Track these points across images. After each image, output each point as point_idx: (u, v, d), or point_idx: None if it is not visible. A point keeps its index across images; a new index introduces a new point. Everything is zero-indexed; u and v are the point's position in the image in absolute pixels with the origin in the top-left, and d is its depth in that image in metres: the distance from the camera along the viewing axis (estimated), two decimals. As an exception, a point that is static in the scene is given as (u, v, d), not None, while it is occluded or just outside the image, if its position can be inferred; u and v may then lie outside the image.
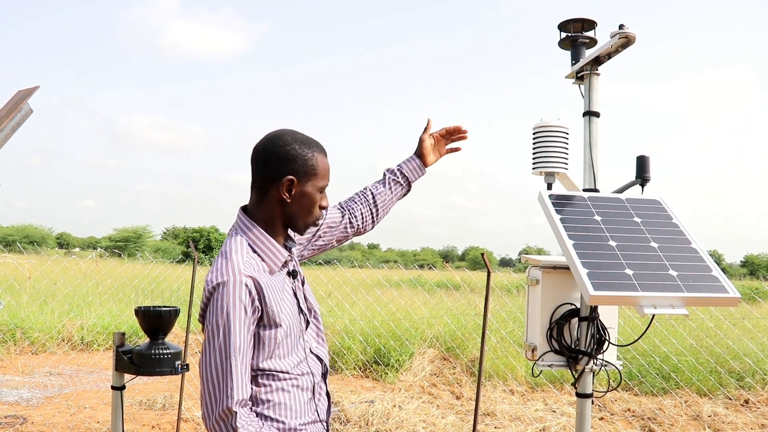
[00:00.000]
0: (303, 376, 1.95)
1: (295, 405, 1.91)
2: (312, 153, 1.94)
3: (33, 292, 12.97)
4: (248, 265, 1.83)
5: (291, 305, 1.94)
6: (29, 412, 6.88)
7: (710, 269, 2.67)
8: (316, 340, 2.08)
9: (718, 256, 68.28)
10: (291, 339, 1.91)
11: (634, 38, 2.96)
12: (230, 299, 1.76)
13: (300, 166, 1.92)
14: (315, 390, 2.00)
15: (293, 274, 2.02)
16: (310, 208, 1.96)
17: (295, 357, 1.93)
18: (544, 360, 2.96)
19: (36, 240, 53.05)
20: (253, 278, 1.81)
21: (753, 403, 7.82)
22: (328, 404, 2.09)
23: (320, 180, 1.96)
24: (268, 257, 1.92)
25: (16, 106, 3.68)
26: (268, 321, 1.84)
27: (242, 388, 1.76)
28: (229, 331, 1.75)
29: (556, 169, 3.16)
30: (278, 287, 1.90)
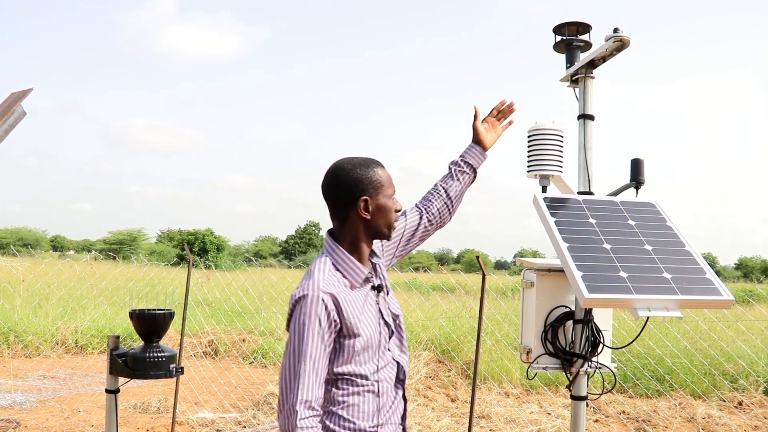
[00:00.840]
0: (380, 382, 2.13)
1: (367, 408, 2.09)
2: (372, 170, 2.17)
3: (27, 295, 12.93)
4: (329, 282, 2.06)
5: (372, 317, 2.14)
6: (22, 415, 6.85)
7: (704, 272, 2.67)
8: (399, 347, 2.26)
9: (712, 258, 68.48)
10: (371, 348, 2.11)
11: (628, 42, 2.97)
12: (307, 312, 2.00)
13: (368, 185, 2.15)
14: (391, 396, 2.17)
15: (378, 289, 2.21)
16: (388, 216, 2.20)
17: (373, 364, 2.12)
18: (539, 362, 2.96)
19: (30, 243, 52.91)
20: (331, 294, 2.02)
21: (747, 405, 7.84)
22: (404, 407, 2.26)
23: (387, 189, 2.19)
24: (350, 274, 2.14)
25: (9, 109, 3.67)
26: (347, 332, 2.04)
27: (308, 390, 1.96)
28: (303, 340, 1.98)
29: (551, 172, 3.16)
30: (359, 301, 2.11)
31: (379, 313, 2.18)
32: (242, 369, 9.78)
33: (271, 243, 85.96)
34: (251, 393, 8.04)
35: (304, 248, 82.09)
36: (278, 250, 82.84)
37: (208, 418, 6.93)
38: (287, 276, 15.92)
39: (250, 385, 8.54)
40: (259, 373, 9.52)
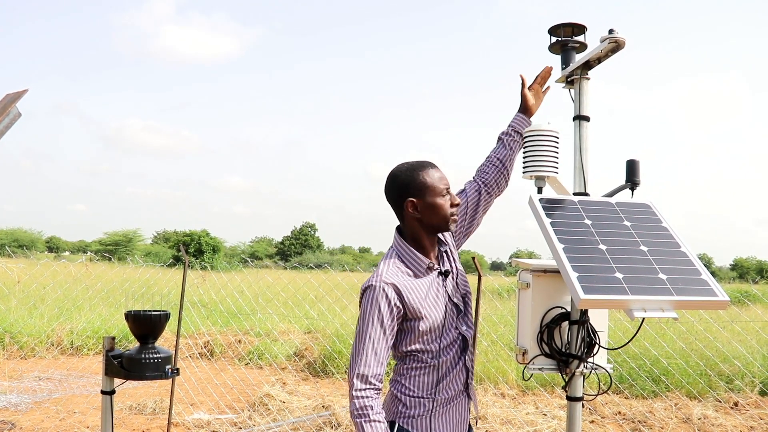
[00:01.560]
0: (443, 357, 2.39)
1: (427, 380, 2.38)
2: (419, 172, 2.41)
3: (22, 296, 12.90)
4: (392, 273, 2.33)
5: (438, 301, 2.39)
6: (18, 417, 6.84)
7: (699, 273, 2.68)
8: (466, 322, 2.52)
9: (708, 259, 68.67)
10: (436, 329, 2.36)
11: (623, 43, 2.98)
12: (370, 300, 2.29)
13: (414, 188, 2.40)
14: (455, 370, 2.43)
15: (445, 274, 2.46)
16: (440, 213, 2.41)
17: (441, 342, 2.38)
18: (535, 363, 2.96)
19: (25, 244, 52.76)
20: (392, 284, 2.29)
21: (742, 405, 7.86)
22: (466, 375, 2.50)
23: (436, 188, 2.40)
24: (413, 265, 2.40)
25: (4, 110, 3.66)
26: (411, 315, 2.32)
27: (365, 365, 2.23)
28: (365, 323, 2.27)
29: (547, 173, 3.16)
30: (423, 288, 2.37)
31: (446, 295, 2.43)
32: (238, 370, 9.77)
33: (267, 244, 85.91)
34: (247, 394, 8.03)
35: (299, 249, 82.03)
36: (274, 251, 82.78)
37: (203, 420, 6.92)
38: (283, 277, 15.91)
39: (246, 387, 8.53)
40: (255, 374, 9.51)
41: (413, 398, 2.37)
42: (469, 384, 2.54)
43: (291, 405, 7.26)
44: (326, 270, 14.55)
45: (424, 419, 2.38)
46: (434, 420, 2.41)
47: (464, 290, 2.56)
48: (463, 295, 2.55)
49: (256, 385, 8.58)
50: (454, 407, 2.47)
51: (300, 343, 10.86)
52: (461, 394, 2.50)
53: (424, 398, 2.38)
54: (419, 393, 2.38)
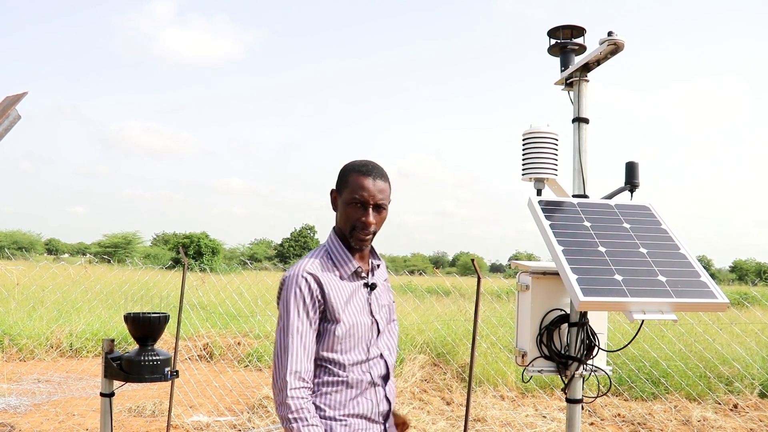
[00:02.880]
0: (359, 374, 2.21)
1: (339, 398, 2.19)
2: (352, 171, 2.26)
3: (21, 298, 12.89)
4: (316, 266, 2.21)
5: (359, 310, 2.25)
6: (17, 419, 6.83)
7: (699, 275, 2.68)
8: (389, 347, 2.36)
9: (707, 261, 68.69)
10: (353, 339, 2.21)
11: (622, 45, 2.98)
12: (292, 290, 2.15)
13: (339, 182, 2.29)
14: (371, 390, 2.25)
15: (372, 287, 2.32)
16: (345, 218, 2.26)
17: (355, 355, 2.22)
18: (534, 365, 2.96)
19: (24, 246, 52.72)
20: (314, 275, 2.17)
21: (742, 407, 7.85)
22: (388, 407, 2.31)
23: (351, 195, 2.23)
24: (340, 264, 2.27)
25: (3, 112, 3.66)
26: (330, 316, 2.18)
27: (297, 362, 2.09)
28: (289, 316, 2.13)
29: (546, 175, 3.17)
30: (346, 290, 2.23)
31: (368, 308, 2.28)
32: (237, 372, 9.76)
33: (266, 246, 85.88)
34: (246, 396, 8.02)
35: (299, 251, 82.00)
36: (273, 253, 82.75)
37: (203, 422, 6.91)
38: (283, 279, 15.87)
39: (245, 389, 8.53)
40: (254, 376, 9.50)
41: (327, 421, 2.15)
42: (387, 420, 2.32)
43: None
44: (325, 272, 14.53)
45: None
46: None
47: (389, 316, 2.40)
48: (388, 319, 2.39)
49: (256, 387, 8.58)
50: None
51: (299, 345, 10.83)
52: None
53: (338, 421, 2.17)
54: (331, 413, 2.17)
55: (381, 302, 2.35)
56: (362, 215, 2.23)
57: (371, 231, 2.26)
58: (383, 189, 2.26)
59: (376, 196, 2.23)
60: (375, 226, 2.26)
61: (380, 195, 2.24)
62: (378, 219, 2.27)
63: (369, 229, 2.25)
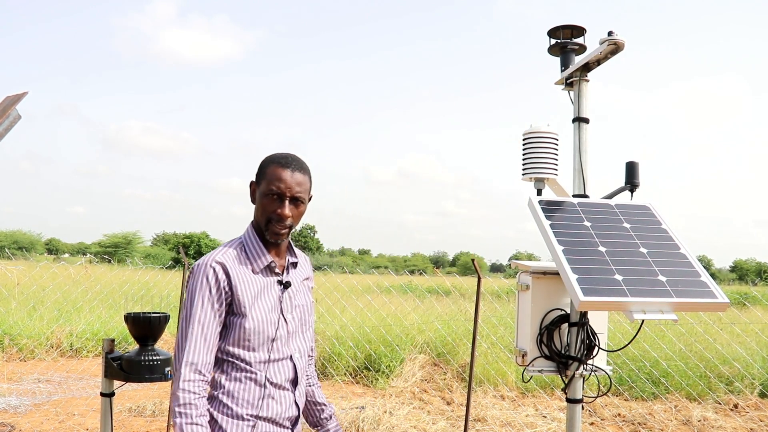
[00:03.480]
0: (265, 373, 2.16)
1: (247, 396, 2.14)
2: (271, 163, 2.21)
3: (21, 298, 12.89)
4: (228, 256, 2.15)
5: (269, 307, 2.18)
6: (17, 419, 6.83)
7: (699, 274, 2.68)
8: (300, 350, 2.29)
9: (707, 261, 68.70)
10: (262, 335, 2.15)
11: (622, 45, 2.98)
12: (198, 279, 2.11)
13: (258, 174, 2.24)
14: (278, 393, 2.19)
15: (286, 285, 2.25)
16: (261, 210, 2.21)
17: (263, 353, 2.16)
18: (535, 365, 2.96)
19: (25, 246, 52.73)
20: (222, 264, 2.12)
21: (742, 407, 7.85)
22: (297, 412, 2.26)
23: (268, 186, 2.18)
24: (254, 257, 2.21)
25: (4, 112, 3.66)
26: (236, 308, 2.12)
27: (195, 353, 2.05)
28: (193, 305, 2.09)
29: (546, 175, 3.17)
30: (256, 285, 2.17)
31: (279, 306, 2.22)
32: (238, 372, 9.75)
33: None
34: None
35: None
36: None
37: None
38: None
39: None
40: (255, 376, 9.50)
41: (233, 420, 2.11)
42: (296, 426, 2.28)
43: None
44: (326, 272, 14.54)
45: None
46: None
47: (306, 318, 2.33)
48: (302, 321, 2.31)
49: (256, 387, 8.58)
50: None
51: (299, 345, 10.84)
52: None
53: (245, 421, 2.12)
54: (239, 411, 2.11)
55: (295, 302, 2.29)
56: (278, 207, 2.18)
57: (287, 224, 2.20)
58: (301, 182, 2.21)
59: (294, 188, 2.18)
60: (291, 220, 2.20)
61: (298, 188, 2.19)
62: (295, 213, 2.22)
63: (285, 222, 2.19)
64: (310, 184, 2.27)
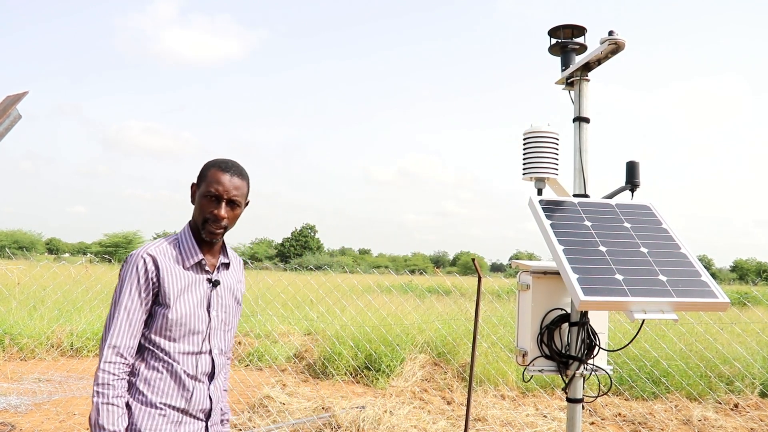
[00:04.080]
0: (183, 365, 2.25)
1: (162, 386, 2.23)
2: (212, 166, 2.34)
3: (22, 297, 12.89)
4: (160, 250, 2.27)
5: (195, 302, 2.29)
6: (17, 419, 6.83)
7: (700, 274, 2.68)
8: (220, 348, 2.39)
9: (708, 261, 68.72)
10: (184, 328, 2.25)
11: (623, 44, 2.98)
12: (128, 269, 2.22)
13: (200, 176, 2.36)
14: (193, 385, 2.28)
15: (215, 284, 2.36)
16: (199, 211, 2.33)
17: (183, 345, 2.26)
18: (535, 365, 2.96)
19: (25, 245, 52.79)
20: (153, 257, 2.24)
21: (743, 407, 7.85)
22: (210, 405, 2.34)
23: (207, 188, 2.30)
24: (185, 253, 2.31)
25: (4, 112, 3.66)
26: (162, 299, 2.23)
27: (118, 336, 2.16)
28: (121, 292, 2.21)
29: (546, 175, 3.17)
30: (185, 279, 2.28)
31: (206, 303, 2.33)
32: (238, 372, 9.76)
33: (267, 245, 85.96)
34: (247, 396, 8.02)
35: (299, 251, 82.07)
36: (274, 253, 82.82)
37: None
38: (283, 278, 15.91)
39: (246, 388, 8.53)
40: (255, 375, 9.50)
41: (146, 407, 2.19)
42: (210, 419, 2.36)
43: (291, 407, 7.26)
44: (326, 272, 14.56)
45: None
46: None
47: (227, 317, 2.41)
48: (225, 320, 2.41)
49: (256, 386, 8.58)
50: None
51: (300, 344, 10.85)
52: (201, 431, 2.33)
53: (157, 409, 2.20)
54: (153, 399, 2.20)
55: (222, 302, 2.40)
56: (215, 208, 2.30)
57: (222, 225, 2.32)
58: (239, 186, 2.34)
59: (231, 191, 2.31)
60: (227, 221, 2.33)
61: (235, 191, 2.33)
62: (231, 215, 2.34)
63: (220, 223, 2.31)
64: (247, 190, 2.41)
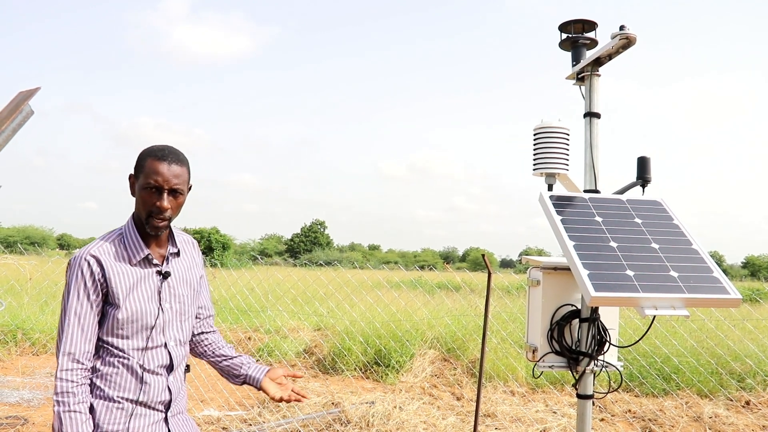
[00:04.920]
0: (139, 360, 2.22)
1: (119, 380, 2.20)
2: (148, 156, 2.24)
3: (34, 293, 12.98)
4: (104, 250, 2.21)
5: (145, 297, 2.25)
6: (30, 412, 6.88)
7: (711, 270, 2.66)
8: (176, 340, 2.35)
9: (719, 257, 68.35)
10: (136, 325, 2.22)
11: (634, 39, 2.96)
12: (73, 272, 2.18)
13: (137, 167, 2.26)
14: (150, 378, 2.25)
15: (165, 275, 2.31)
16: (140, 204, 2.24)
17: (137, 342, 2.23)
18: (545, 361, 2.96)
19: (37, 241, 53.10)
20: (96, 258, 2.18)
21: (754, 404, 7.81)
22: (169, 397, 2.31)
23: (146, 180, 2.21)
24: (130, 249, 2.25)
25: (17, 108, 3.68)
26: (111, 299, 2.19)
27: (72, 343, 2.13)
28: (69, 298, 2.16)
29: (557, 170, 3.16)
30: (132, 276, 2.23)
31: (157, 296, 2.28)
32: (248, 367, 9.78)
33: (277, 241, 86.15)
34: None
35: (309, 246, 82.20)
36: (283, 249, 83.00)
37: (213, 416, 6.95)
38: (292, 274, 15.95)
39: (256, 383, 8.55)
40: (265, 371, 9.53)
41: (104, 402, 2.18)
42: (170, 409, 2.33)
43: (300, 402, 7.27)
44: (336, 267, 14.58)
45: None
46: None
47: (182, 307, 2.37)
48: (181, 310, 2.36)
49: (266, 381, 8.60)
50: (150, 431, 2.27)
51: (309, 340, 10.88)
52: (161, 422, 2.30)
53: (114, 402, 2.19)
54: (110, 393, 2.18)
55: (176, 292, 2.34)
56: (157, 200, 2.22)
57: (166, 216, 2.25)
58: (179, 174, 2.25)
59: (171, 180, 2.22)
60: (171, 212, 2.26)
61: (175, 180, 2.23)
62: (174, 204, 2.27)
63: (164, 215, 2.24)
64: (188, 175, 2.32)
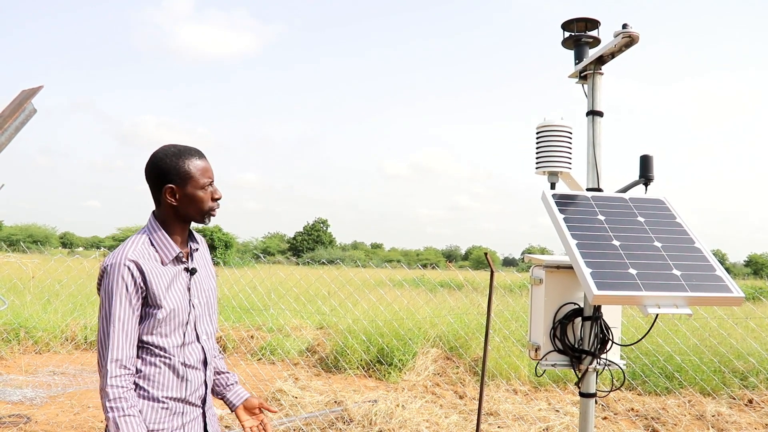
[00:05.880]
0: (179, 357, 2.28)
1: (162, 379, 2.25)
2: (183, 160, 2.29)
3: (36, 291, 13.00)
4: (138, 253, 2.23)
5: (179, 295, 2.30)
6: (33, 411, 6.90)
7: (714, 269, 2.66)
8: (207, 333, 2.42)
9: (722, 255, 68.25)
10: (173, 322, 2.27)
11: (637, 38, 2.96)
12: (114, 278, 2.17)
13: (174, 176, 2.29)
14: (190, 374, 2.32)
15: (192, 272, 2.37)
16: (198, 205, 2.32)
17: (175, 339, 2.28)
18: (548, 359, 2.95)
19: (39, 239, 53.19)
20: (135, 262, 2.19)
21: (757, 402, 7.80)
22: (205, 391, 2.41)
23: (198, 180, 2.31)
24: (162, 250, 2.29)
25: (20, 106, 3.68)
26: (151, 301, 2.22)
27: (118, 349, 2.14)
28: (112, 304, 2.16)
29: (560, 169, 3.15)
30: (166, 276, 2.27)
31: (188, 293, 2.35)
32: (250, 365, 9.80)
33: (279, 240, 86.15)
34: (259, 389, 8.06)
35: (311, 245, 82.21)
36: (286, 247, 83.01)
37: (216, 414, 6.96)
38: (295, 273, 15.95)
39: (259, 382, 8.56)
40: (267, 369, 9.54)
41: (149, 402, 2.23)
42: (206, 403, 2.43)
43: (303, 400, 7.29)
44: (338, 266, 14.58)
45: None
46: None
47: (208, 301, 2.46)
48: (208, 304, 2.46)
49: (269, 380, 8.62)
50: (190, 427, 2.36)
51: (312, 338, 10.89)
52: (199, 417, 2.41)
53: (160, 402, 2.24)
54: (154, 393, 2.23)
55: (202, 287, 2.43)
56: (215, 193, 2.37)
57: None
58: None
59: (213, 171, 2.39)
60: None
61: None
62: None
63: (219, 203, 2.40)
64: None
